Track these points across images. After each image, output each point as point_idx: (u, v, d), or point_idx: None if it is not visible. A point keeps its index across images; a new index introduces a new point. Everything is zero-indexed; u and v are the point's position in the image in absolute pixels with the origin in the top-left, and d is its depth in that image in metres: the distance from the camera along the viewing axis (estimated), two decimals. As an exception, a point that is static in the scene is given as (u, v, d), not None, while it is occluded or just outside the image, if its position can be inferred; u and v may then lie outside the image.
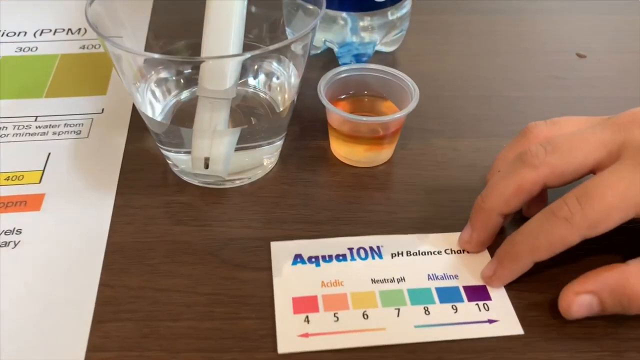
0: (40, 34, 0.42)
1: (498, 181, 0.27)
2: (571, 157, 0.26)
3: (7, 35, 0.42)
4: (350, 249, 0.28)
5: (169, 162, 0.32)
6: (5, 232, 0.28)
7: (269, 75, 0.34)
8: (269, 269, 0.27)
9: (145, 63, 0.32)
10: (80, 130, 0.34)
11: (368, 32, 0.39)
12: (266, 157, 0.32)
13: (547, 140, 0.27)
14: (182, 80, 0.34)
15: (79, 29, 0.43)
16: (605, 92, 0.39)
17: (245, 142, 0.30)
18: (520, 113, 0.37)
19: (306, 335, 0.25)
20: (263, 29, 0.35)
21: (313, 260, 0.28)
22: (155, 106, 0.32)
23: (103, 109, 0.36)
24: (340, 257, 0.28)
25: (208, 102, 0.29)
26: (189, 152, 0.30)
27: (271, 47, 0.27)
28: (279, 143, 0.32)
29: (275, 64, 0.33)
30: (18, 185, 0.30)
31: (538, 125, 0.29)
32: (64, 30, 0.43)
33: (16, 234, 0.28)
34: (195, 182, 0.31)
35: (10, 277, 0.26)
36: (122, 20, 0.33)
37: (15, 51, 0.41)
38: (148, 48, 0.34)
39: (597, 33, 0.46)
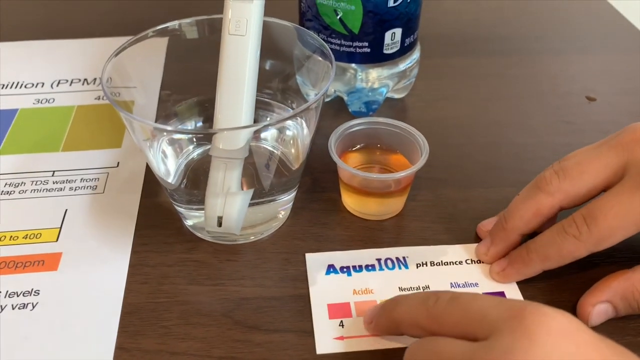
0: (57, 85, 0.43)
1: (518, 205, 0.30)
2: (582, 182, 0.29)
3: (25, 87, 0.43)
4: (379, 260, 0.31)
5: (182, 217, 0.32)
6: (24, 294, 0.29)
7: (282, 129, 0.34)
8: (281, 330, 0.27)
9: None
10: (96, 185, 0.35)
11: (378, 82, 0.39)
12: (278, 211, 0.32)
13: (560, 167, 0.30)
14: (194, 139, 0.34)
15: (94, 79, 0.44)
16: (615, 137, 0.39)
17: (258, 197, 0.31)
18: (530, 161, 0.37)
19: (341, 338, 0.27)
20: (274, 80, 0.36)
21: (345, 270, 0.30)
22: (168, 164, 0.33)
23: (118, 163, 0.36)
24: (370, 267, 0.31)
25: (221, 162, 0.30)
26: (201, 209, 0.30)
27: (286, 115, 0.28)
28: (291, 197, 0.33)
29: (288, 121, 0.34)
30: (36, 244, 0.31)
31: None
32: (79, 80, 0.44)
33: (34, 295, 0.29)
34: (209, 239, 0.32)
35: (28, 340, 0.27)
36: (136, 73, 0.33)
37: (33, 103, 0.42)
38: (160, 101, 0.35)
39: (607, 73, 0.46)
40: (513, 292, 0.29)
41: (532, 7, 0.56)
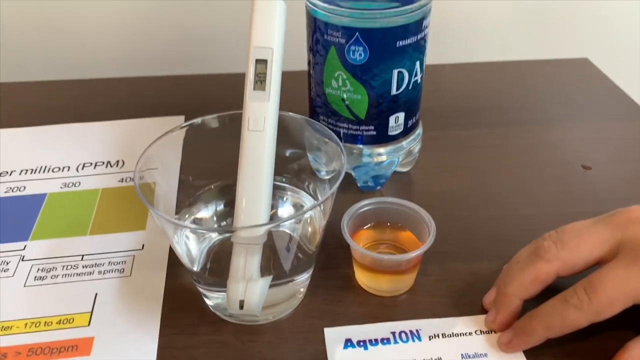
0: (83, 168, 0.46)
1: (517, 272, 0.32)
2: (579, 252, 0.31)
3: (52, 171, 0.46)
4: (393, 333, 0.33)
5: (205, 298, 0.34)
6: (59, 380, 0.30)
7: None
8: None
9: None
10: (123, 269, 0.37)
11: (383, 159, 0.42)
12: (296, 290, 0.34)
13: (558, 237, 0.32)
14: (215, 225, 0.37)
15: (117, 161, 0.47)
16: (613, 207, 0.41)
17: (277, 278, 0.33)
18: (533, 233, 0.39)
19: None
20: (289, 166, 0.38)
21: (361, 344, 0.32)
22: (191, 248, 0.35)
23: (143, 245, 0.39)
24: (385, 341, 0.32)
25: (242, 247, 0.32)
26: (223, 291, 0.32)
27: (305, 211, 0.30)
28: (308, 276, 0.35)
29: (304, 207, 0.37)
30: (69, 329, 0.33)
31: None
32: (103, 163, 0.47)
33: (69, 380, 0.30)
34: (231, 320, 0.34)
35: None
36: (157, 155, 0.36)
37: (61, 187, 0.44)
38: (182, 185, 0.37)
39: (601, 142, 0.48)
40: (520, 361, 0.31)
41: (528, 77, 0.59)
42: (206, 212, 0.37)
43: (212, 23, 0.67)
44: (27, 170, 0.46)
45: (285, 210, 0.37)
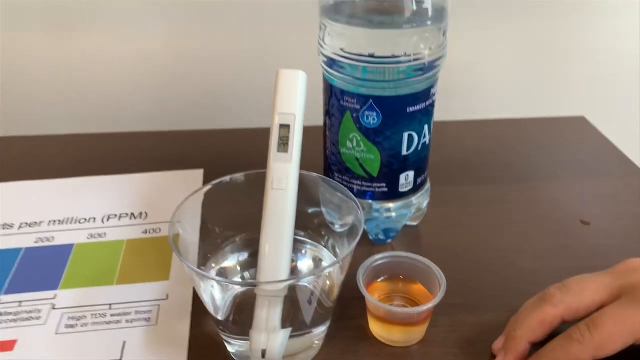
0: (108, 220, 0.49)
1: (526, 316, 0.35)
2: (582, 297, 0.34)
3: (79, 222, 0.48)
4: None
5: (228, 346, 0.36)
6: None
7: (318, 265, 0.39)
8: None
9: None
10: (150, 317, 0.39)
11: (394, 214, 0.44)
12: (314, 341, 0.36)
13: (563, 285, 0.35)
14: (239, 278, 0.39)
15: (140, 213, 0.49)
16: (611, 260, 0.43)
17: (297, 330, 0.35)
18: (537, 285, 0.41)
19: None
20: (307, 221, 0.40)
21: None
22: (216, 297, 0.37)
23: (167, 295, 0.41)
24: None
25: (265, 299, 0.34)
26: (245, 339, 0.34)
27: (325, 268, 0.33)
28: (325, 328, 0.37)
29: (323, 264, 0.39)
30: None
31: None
32: (127, 215, 0.49)
33: None
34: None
35: None
36: (182, 211, 0.38)
37: (87, 238, 0.47)
38: (207, 236, 0.39)
39: (599, 198, 0.51)
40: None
41: (528, 134, 0.62)
42: (231, 262, 0.39)
43: (227, 80, 0.70)
44: (54, 221, 0.48)
45: (304, 264, 0.39)
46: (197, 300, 0.40)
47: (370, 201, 0.43)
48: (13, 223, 0.48)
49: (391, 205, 0.44)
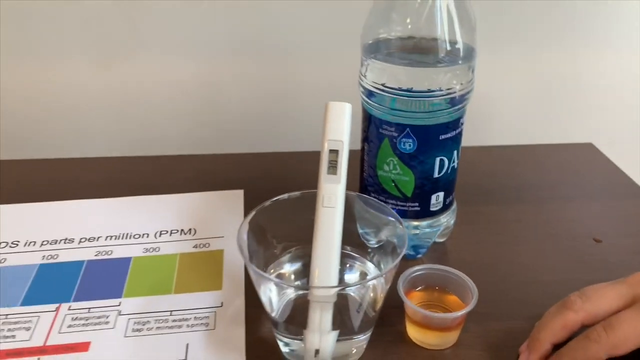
0: (160, 235, 0.53)
1: (549, 320, 0.39)
2: (600, 304, 0.38)
3: (134, 237, 0.53)
4: None
5: (281, 345, 0.40)
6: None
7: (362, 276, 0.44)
8: None
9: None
10: (208, 322, 0.43)
11: (425, 231, 0.49)
12: (359, 345, 0.41)
13: (582, 293, 0.39)
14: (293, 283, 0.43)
15: (190, 230, 0.54)
16: (621, 274, 0.47)
17: (342, 335, 0.39)
18: (555, 297, 0.44)
19: None
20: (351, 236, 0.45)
21: None
22: (273, 299, 0.41)
23: (222, 303, 0.45)
24: None
25: (318, 304, 0.38)
26: (297, 339, 0.38)
27: (370, 279, 0.37)
28: (368, 335, 0.41)
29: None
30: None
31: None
32: (177, 231, 0.54)
33: (174, 416, 0.36)
34: (305, 367, 0.40)
35: None
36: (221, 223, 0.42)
37: (143, 252, 0.51)
38: (267, 246, 0.43)
39: (609, 218, 0.56)
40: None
41: (541, 159, 0.67)
42: (286, 270, 0.44)
43: (262, 107, 0.76)
44: (111, 237, 0.53)
45: (351, 276, 0.44)
46: (249, 307, 0.44)
47: (403, 219, 0.48)
48: (73, 238, 0.53)
49: (422, 223, 0.48)
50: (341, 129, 0.41)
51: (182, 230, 0.54)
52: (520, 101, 0.79)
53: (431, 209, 0.47)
